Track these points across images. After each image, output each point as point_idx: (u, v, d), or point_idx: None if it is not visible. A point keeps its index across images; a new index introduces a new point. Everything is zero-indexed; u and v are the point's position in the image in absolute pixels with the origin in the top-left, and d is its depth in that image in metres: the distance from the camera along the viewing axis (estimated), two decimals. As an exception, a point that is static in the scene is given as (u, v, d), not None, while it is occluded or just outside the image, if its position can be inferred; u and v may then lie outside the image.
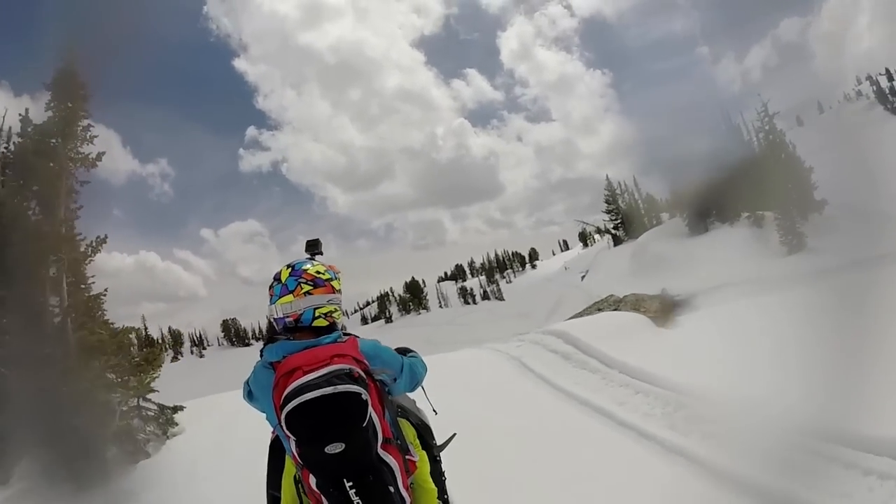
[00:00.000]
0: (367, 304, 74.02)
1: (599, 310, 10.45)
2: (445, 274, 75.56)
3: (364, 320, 64.09)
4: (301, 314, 1.67)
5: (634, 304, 9.95)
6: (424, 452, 1.95)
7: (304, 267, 1.74)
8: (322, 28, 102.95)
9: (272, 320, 1.73)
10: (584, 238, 75.88)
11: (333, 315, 1.72)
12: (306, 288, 1.69)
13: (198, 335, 59.06)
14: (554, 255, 79.63)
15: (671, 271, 23.14)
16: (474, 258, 75.98)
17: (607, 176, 64.29)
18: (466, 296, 57.33)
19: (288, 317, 1.67)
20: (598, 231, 63.10)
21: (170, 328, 57.14)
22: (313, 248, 1.97)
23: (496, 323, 36.02)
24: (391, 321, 54.84)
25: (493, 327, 33.83)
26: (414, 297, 55.85)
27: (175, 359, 53.37)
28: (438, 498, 1.90)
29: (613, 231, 42.06)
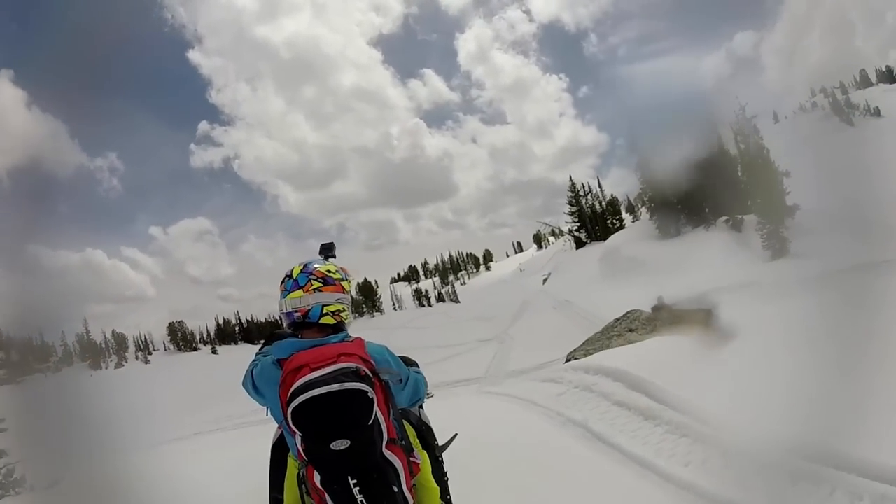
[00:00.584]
0: None
1: (631, 330, 8.40)
2: (398, 275, 74.49)
3: None
4: (309, 310, 1.66)
5: (672, 320, 7.98)
6: (426, 453, 1.90)
7: (315, 265, 1.75)
8: (279, 22, 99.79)
9: (281, 315, 1.73)
10: (539, 240, 76.57)
11: (341, 314, 1.71)
12: (316, 284, 1.68)
13: (143, 339, 54.62)
14: (508, 256, 79.88)
15: (649, 276, 21.98)
16: (428, 259, 75.19)
17: (571, 177, 64.99)
18: (421, 297, 55.97)
19: (296, 312, 1.67)
20: (557, 233, 63.31)
21: (114, 331, 52.29)
22: (327, 251, 1.97)
23: (455, 326, 33.89)
24: None
25: (452, 331, 31.80)
26: (367, 298, 53.36)
27: (119, 365, 49.41)
28: (441, 498, 1.87)
29: (576, 233, 41.11)
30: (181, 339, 55.50)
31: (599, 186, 44.13)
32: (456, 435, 2.24)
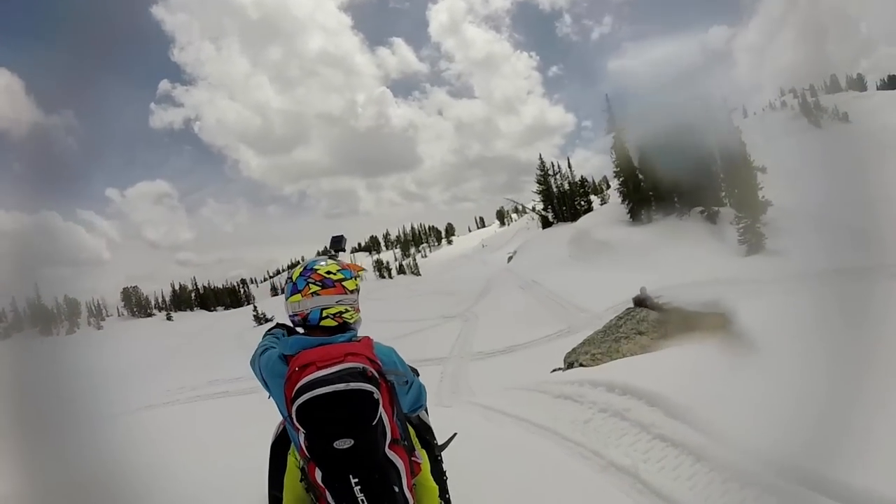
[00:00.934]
0: (278, 272, 70.18)
1: (639, 332, 7.35)
2: (359, 245, 73.77)
3: (274, 290, 60.76)
4: (308, 314, 1.65)
5: (684, 324, 7.00)
6: (425, 452, 1.91)
7: (315, 266, 1.72)
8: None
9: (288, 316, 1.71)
10: (502, 216, 76.45)
11: (344, 315, 1.68)
12: (314, 288, 1.66)
13: (96, 304, 51.83)
14: (470, 231, 79.51)
15: (621, 262, 21.53)
16: (389, 230, 74.13)
17: (540, 156, 64.60)
18: (382, 269, 55.10)
19: (296, 315, 1.67)
20: (520, 210, 63.06)
21: (66, 297, 49.33)
22: (336, 244, 2.01)
23: (417, 301, 32.75)
24: None
25: (414, 306, 30.70)
26: None
27: (71, 331, 46.99)
28: (440, 497, 1.87)
29: (543, 212, 40.50)
30: (136, 304, 53.62)
31: (569, 167, 43.70)
32: (455, 434, 2.22)
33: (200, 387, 19.56)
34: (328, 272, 1.69)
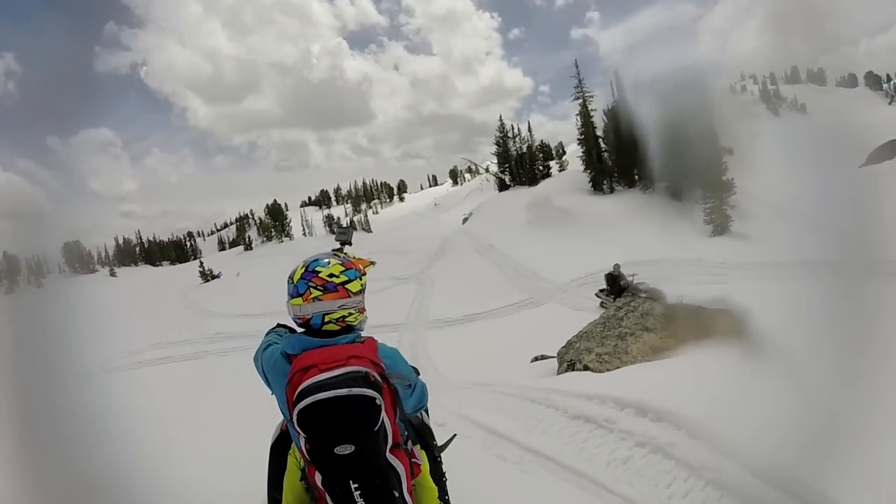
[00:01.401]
0: (225, 225, 68.18)
1: (646, 329, 6.27)
2: (309, 199, 71.49)
3: (221, 245, 57.61)
4: (310, 319, 1.59)
5: (694, 323, 6.08)
6: (425, 453, 1.87)
7: (317, 268, 1.62)
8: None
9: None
10: (455, 176, 75.29)
11: (347, 319, 1.62)
12: (315, 293, 1.58)
13: (36, 261, 46.75)
14: (422, 189, 77.88)
15: (583, 232, 20.98)
16: (341, 185, 72.13)
17: (500, 117, 63.19)
18: (332, 224, 52.38)
19: (298, 318, 1.61)
20: (474, 170, 62.17)
21: (5, 253, 44.59)
22: (342, 235, 2.02)
23: (369, 259, 31.12)
24: (251, 248, 47.79)
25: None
26: (276, 222, 48.80)
27: (10, 290, 41.77)
28: (439, 498, 1.85)
29: (500, 175, 39.48)
30: (78, 260, 47.59)
31: (529, 130, 42.78)
32: (455, 435, 2.20)
33: (142, 351, 18.06)
34: (330, 275, 1.60)
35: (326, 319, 1.56)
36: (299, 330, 1.62)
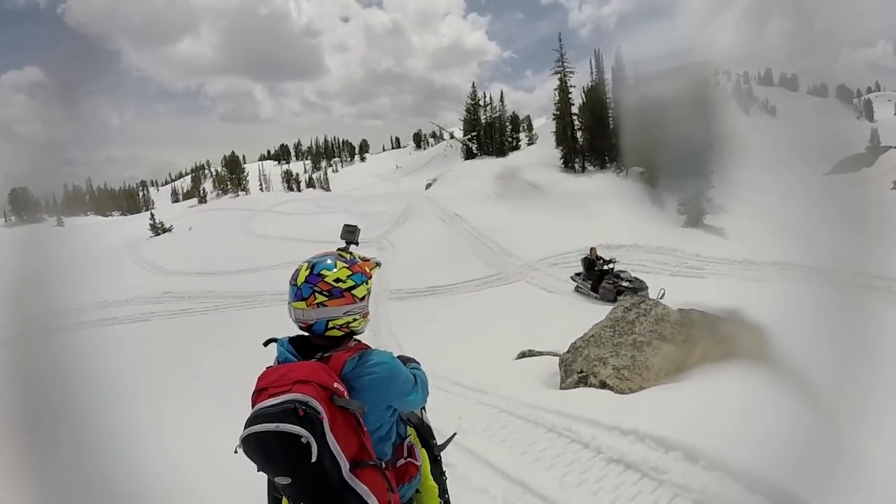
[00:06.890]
0: (180, 175, 64.32)
1: (660, 337, 5.39)
2: (268, 152, 69.03)
3: (175, 196, 55.33)
4: (313, 324, 1.49)
5: (711, 335, 5.25)
6: (425, 451, 1.85)
7: (322, 271, 1.50)
8: None
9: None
10: (419, 140, 73.33)
11: (351, 325, 1.52)
12: (320, 299, 1.47)
13: None
14: (385, 150, 75.51)
15: (552, 209, 20.26)
16: (301, 140, 69.57)
17: (473, 84, 61.16)
18: (290, 181, 50.90)
19: (300, 322, 1.51)
20: (438, 136, 60.64)
21: None
22: (349, 235, 1.77)
23: (326, 219, 29.12)
24: (205, 201, 45.78)
25: (323, 223, 27.14)
26: (232, 174, 46.61)
27: None
28: (440, 497, 1.83)
29: (468, 142, 38.18)
30: (24, 208, 45.47)
31: (501, 100, 41.49)
32: (455, 434, 2.21)
33: (87, 309, 16.52)
34: (337, 280, 1.50)
35: (330, 325, 1.48)
36: (297, 332, 1.54)
